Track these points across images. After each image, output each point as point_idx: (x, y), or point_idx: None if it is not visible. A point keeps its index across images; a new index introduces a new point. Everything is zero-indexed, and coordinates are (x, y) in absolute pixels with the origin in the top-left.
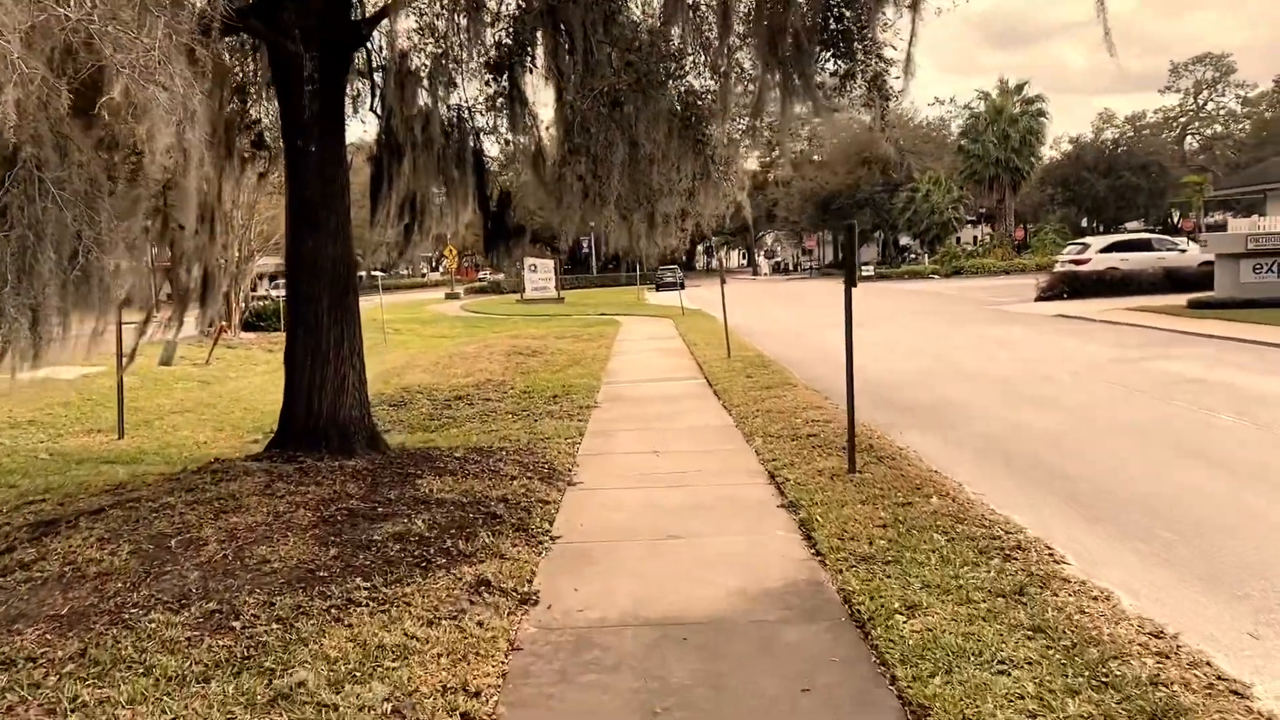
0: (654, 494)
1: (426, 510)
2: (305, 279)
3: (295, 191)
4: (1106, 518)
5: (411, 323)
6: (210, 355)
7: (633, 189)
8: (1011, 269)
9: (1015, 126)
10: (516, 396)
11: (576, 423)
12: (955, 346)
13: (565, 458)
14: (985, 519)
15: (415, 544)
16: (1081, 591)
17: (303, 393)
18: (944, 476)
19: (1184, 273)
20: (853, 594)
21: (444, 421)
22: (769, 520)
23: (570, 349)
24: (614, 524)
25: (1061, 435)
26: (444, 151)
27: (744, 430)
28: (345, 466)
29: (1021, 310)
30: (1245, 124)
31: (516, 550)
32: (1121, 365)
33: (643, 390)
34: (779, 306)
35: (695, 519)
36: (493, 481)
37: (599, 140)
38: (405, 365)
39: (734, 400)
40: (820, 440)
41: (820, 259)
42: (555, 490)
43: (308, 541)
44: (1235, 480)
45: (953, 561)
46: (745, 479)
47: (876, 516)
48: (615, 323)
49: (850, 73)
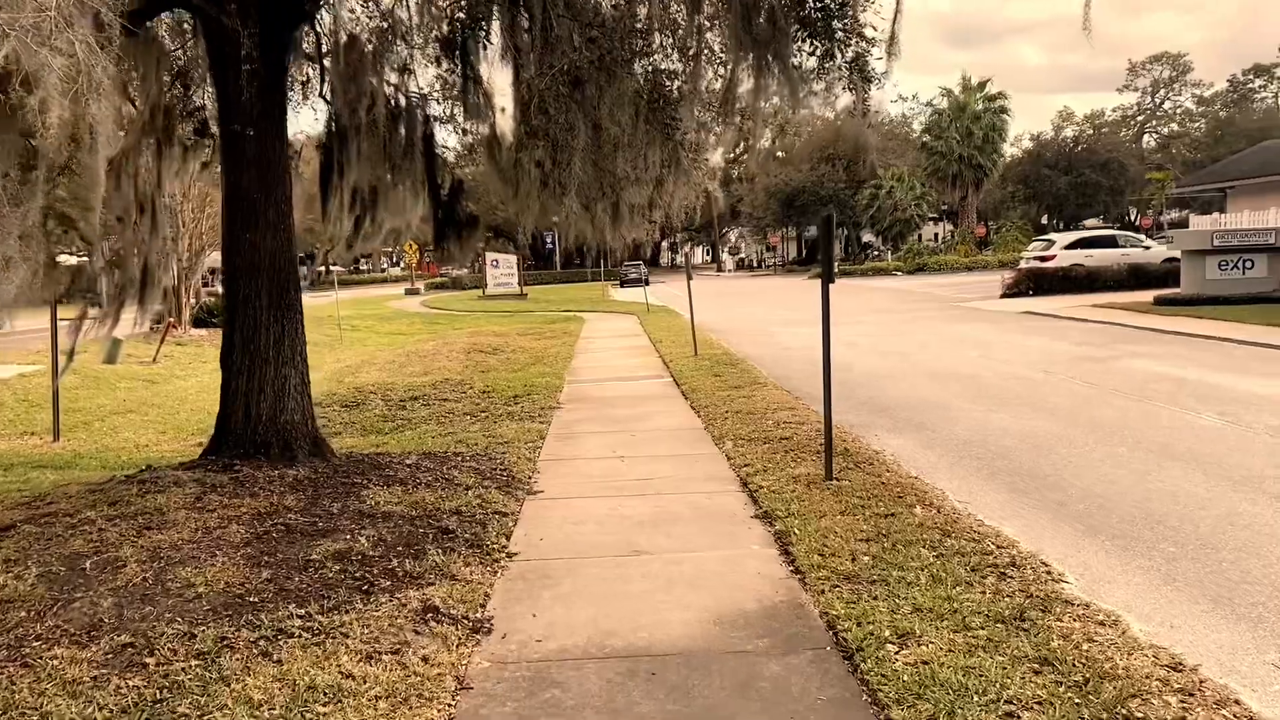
0: (620, 504)
1: (371, 525)
2: (242, 275)
3: (231, 181)
4: (1102, 529)
5: (370, 319)
6: (158, 353)
7: (596, 177)
8: (974, 266)
9: (978, 123)
10: (475, 397)
11: (538, 425)
12: (924, 344)
13: (525, 464)
14: (974, 531)
15: (357, 564)
16: (1086, 616)
17: (240, 397)
18: (925, 483)
19: (1148, 269)
20: (837, 619)
21: (398, 423)
22: (743, 533)
23: (532, 347)
24: (576, 538)
25: (1043, 438)
26: (390, 137)
27: (713, 433)
28: (285, 476)
29: (988, 307)
30: (1201, 123)
31: (469, 570)
32: (1094, 363)
33: (608, 390)
34: (744, 303)
35: (664, 532)
36: (446, 491)
37: (558, 123)
38: (361, 363)
39: (702, 400)
40: (794, 444)
41: (784, 255)
42: (514, 500)
43: (238, 562)
44: (1231, 487)
45: (944, 581)
46: (716, 486)
47: (858, 529)
48: (579, 319)
49: (829, 53)
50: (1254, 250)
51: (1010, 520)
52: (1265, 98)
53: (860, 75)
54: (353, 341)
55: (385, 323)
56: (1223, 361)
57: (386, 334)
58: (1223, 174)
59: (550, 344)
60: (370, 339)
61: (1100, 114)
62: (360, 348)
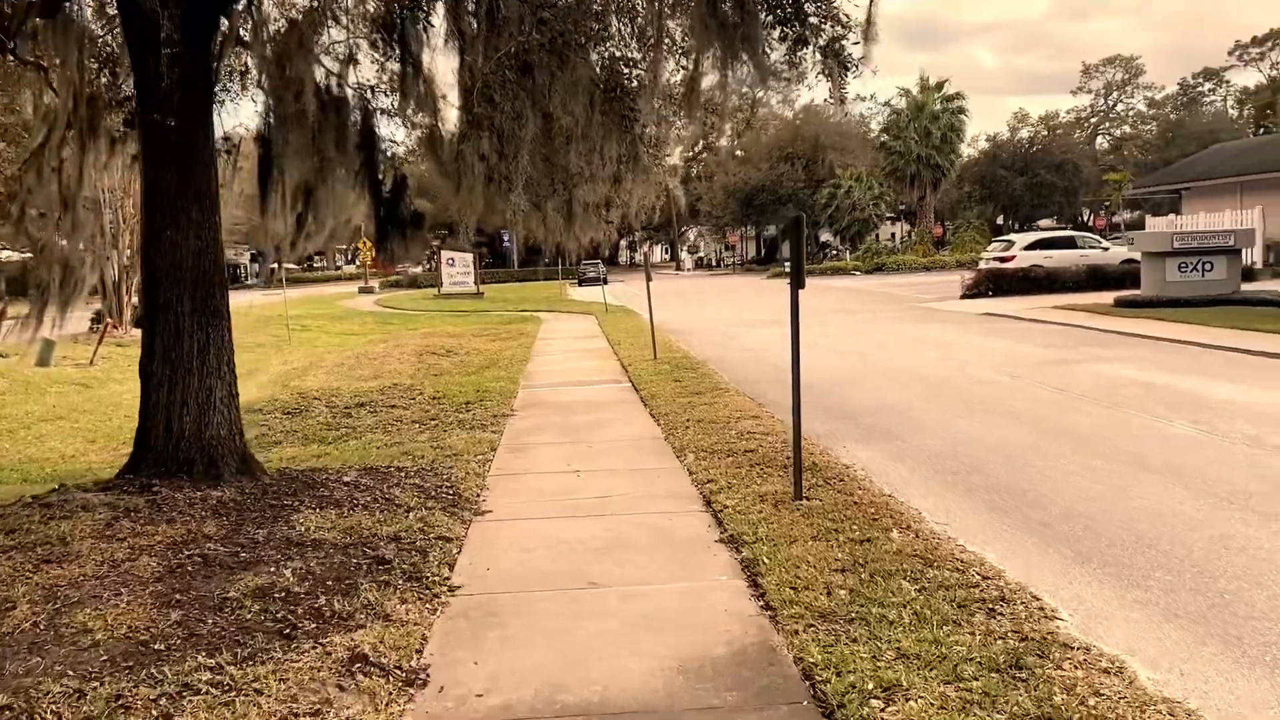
0: (574, 527)
1: (300, 555)
2: (163, 278)
3: (151, 175)
4: (1091, 555)
5: (321, 318)
6: (95, 355)
7: (546, 172)
8: (932, 266)
9: (937, 123)
10: (425, 403)
11: (490, 434)
12: (886, 346)
13: (474, 479)
14: (957, 559)
15: (280, 603)
16: (1089, 662)
17: (161, 410)
18: (899, 502)
19: (1107, 270)
20: (815, 667)
21: (342, 432)
22: (707, 561)
23: (487, 349)
24: (526, 568)
25: (1016, 448)
26: (321, 126)
27: (674, 443)
28: (209, 498)
29: (948, 308)
30: (1152, 125)
31: (406, 609)
32: (1059, 367)
33: (564, 395)
34: (704, 303)
35: (622, 560)
36: (385, 514)
37: (505, 111)
38: (308, 366)
39: (662, 408)
40: (759, 457)
41: (743, 255)
42: (459, 523)
43: (146, 601)
44: (1218, 504)
45: (929, 620)
46: (678, 505)
47: (832, 557)
48: (536, 319)
49: (801, 39)
50: (1214, 252)
51: (993, 544)
52: (1214, 101)
53: (837, 61)
54: (302, 342)
55: (337, 322)
56: (1190, 366)
57: (337, 334)
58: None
59: (505, 346)
60: (320, 339)
61: (1055, 115)
62: (309, 349)
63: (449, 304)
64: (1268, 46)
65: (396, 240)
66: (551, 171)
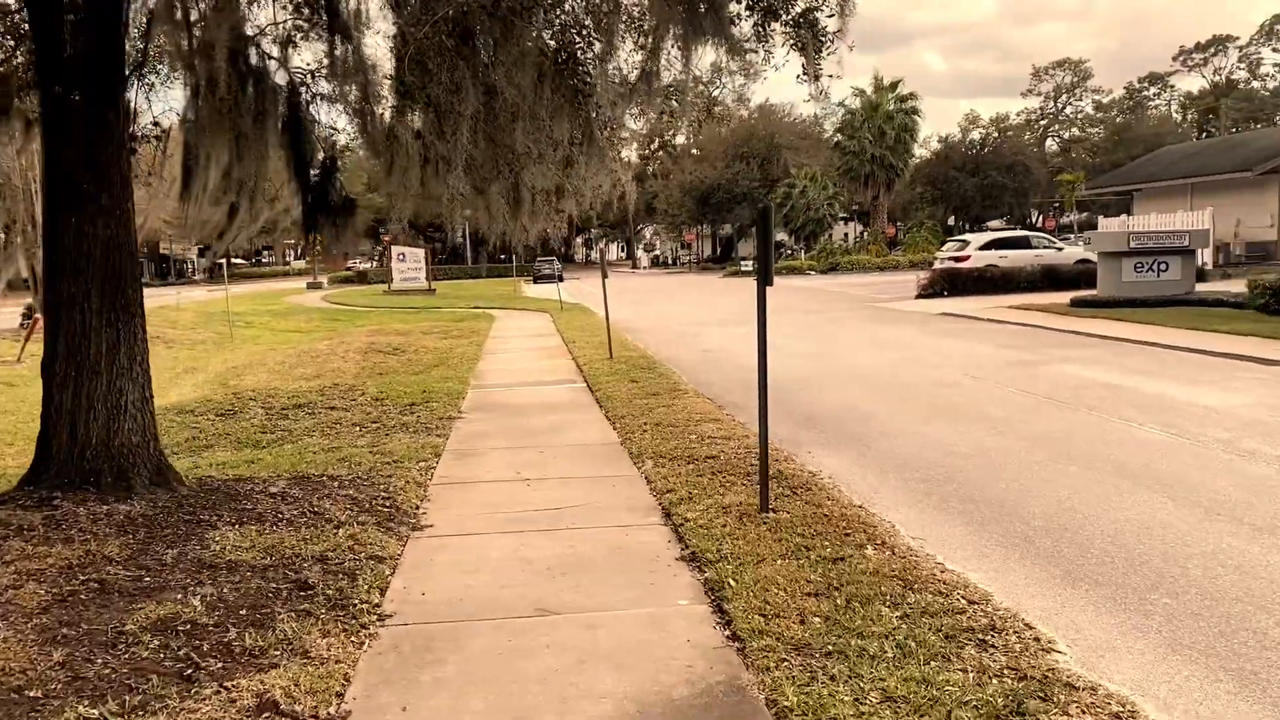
0: (522, 543)
1: (212, 580)
2: (67, 271)
3: (54, 155)
4: (1081, 574)
5: (265, 315)
6: (22, 352)
7: (490, 152)
8: (886, 266)
9: (891, 123)
10: (367, 404)
11: (434, 439)
12: (847, 347)
13: (414, 489)
14: (939, 581)
15: (183, 637)
16: (1097, 705)
17: (65, 415)
18: (871, 514)
19: (1061, 270)
20: (790, 712)
21: (278, 435)
22: (668, 583)
23: (436, 346)
24: (468, 592)
25: (989, 455)
26: (239, 100)
27: (631, 449)
28: (116, 513)
29: (905, 308)
30: (1100, 128)
31: (328, 643)
32: (1021, 368)
33: (516, 397)
34: (660, 301)
35: (574, 582)
36: (313, 530)
37: (441, 83)
38: (249, 364)
39: (618, 410)
40: (721, 464)
41: (699, 253)
42: (395, 540)
43: (26, 638)
44: (1205, 516)
45: (914, 654)
46: (635, 518)
47: (804, 579)
48: (489, 317)
49: (771, 10)
50: (1169, 253)
51: (975, 562)
52: (1159, 105)
53: (812, 33)
54: (244, 340)
55: (281, 319)
56: (1153, 367)
57: (282, 331)
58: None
59: (456, 344)
60: (264, 337)
61: (1005, 118)
62: (252, 346)
63: (400, 300)
64: (1210, 52)
65: (326, 228)
66: (495, 152)
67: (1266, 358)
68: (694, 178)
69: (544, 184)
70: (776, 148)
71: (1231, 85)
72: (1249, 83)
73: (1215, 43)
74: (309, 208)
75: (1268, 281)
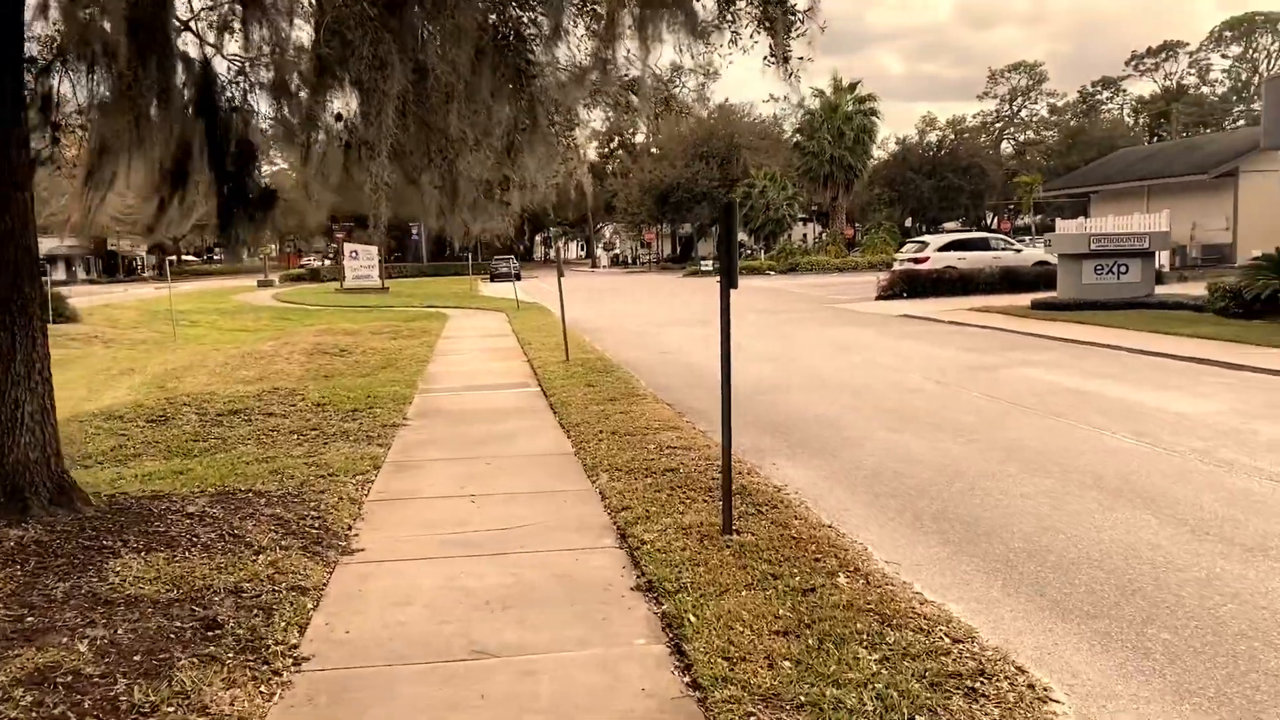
0: (462, 569)
1: (106, 619)
2: None
3: None
4: (1070, 605)
5: (212, 314)
6: None
7: (421, 137)
8: (844, 266)
9: (850, 124)
10: (308, 410)
11: (375, 448)
12: (808, 349)
13: (347, 507)
14: (919, 615)
15: (63, 691)
16: None
17: None
18: (842, 535)
19: (1020, 273)
20: None
21: (210, 444)
22: (622, 618)
23: (385, 347)
24: (399, 630)
25: (959, 467)
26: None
27: (586, 460)
28: (5, 539)
29: (865, 310)
30: (1054, 131)
31: (232, 695)
32: (985, 373)
33: (465, 402)
34: (619, 301)
35: (518, 617)
36: (230, 556)
37: (364, 58)
38: (188, 365)
39: (573, 417)
40: (681, 477)
41: (659, 253)
42: (321, 566)
43: None
44: (1192, 535)
45: (897, 706)
46: (588, 540)
47: (772, 614)
48: (442, 316)
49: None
50: (1129, 255)
51: (956, 591)
52: (1111, 109)
53: (781, 9)
54: (188, 339)
55: (229, 318)
56: (1117, 371)
57: (228, 331)
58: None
59: (406, 344)
60: (209, 336)
61: (961, 120)
62: (195, 346)
63: (352, 299)
64: (1161, 57)
65: (243, 223)
66: (427, 137)
67: (1231, 362)
68: (653, 177)
69: (483, 174)
70: (736, 148)
71: (1182, 90)
72: (1199, 88)
73: (1166, 48)
74: (224, 201)
75: (1228, 284)
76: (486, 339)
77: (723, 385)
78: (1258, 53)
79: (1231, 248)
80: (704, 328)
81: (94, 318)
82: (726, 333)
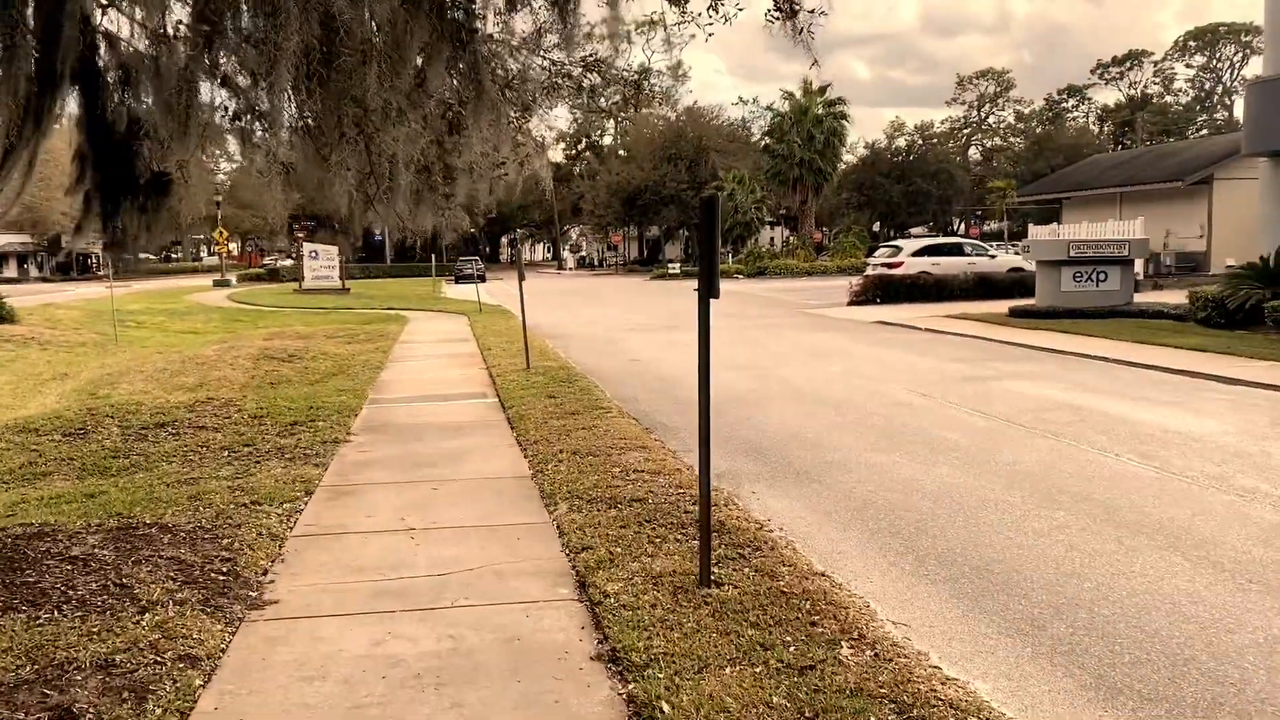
0: (391, 630)
1: None
2: None
3: None
4: (1118, 683)
5: (161, 314)
6: None
7: (329, 104)
8: (813, 271)
9: (819, 128)
10: (244, 422)
11: (311, 469)
12: (782, 358)
13: (266, 545)
14: (942, 701)
15: None
16: None
17: None
18: (838, 586)
19: (995, 279)
20: None
21: (130, 462)
22: (579, 701)
23: (338, 353)
24: (304, 717)
25: (959, 496)
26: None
27: (544, 485)
28: None
29: (838, 315)
30: (1021, 138)
31: None
32: (972, 385)
33: (417, 414)
34: (585, 304)
35: (453, 699)
36: (107, 616)
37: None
38: (125, 370)
39: (532, 433)
40: (650, 509)
41: (626, 255)
42: (222, 626)
43: None
44: (1233, 583)
45: None
46: (542, 590)
47: (764, 703)
48: (402, 319)
49: None
50: (1108, 262)
51: (979, 662)
52: (1077, 116)
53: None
54: (132, 341)
55: (178, 319)
56: (1111, 385)
57: (176, 333)
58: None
59: (360, 349)
60: (154, 339)
61: (930, 125)
62: (137, 349)
63: (310, 300)
64: (1126, 66)
65: (131, 213)
66: (337, 105)
67: (1226, 376)
68: (621, 178)
69: (415, 155)
70: (705, 150)
71: (1146, 99)
72: (1163, 97)
73: (1131, 58)
74: (108, 185)
75: (1210, 294)
76: (445, 344)
77: (701, 420)
78: (1221, 62)
79: (1205, 256)
80: (670, 333)
81: (34, 318)
82: (705, 354)
